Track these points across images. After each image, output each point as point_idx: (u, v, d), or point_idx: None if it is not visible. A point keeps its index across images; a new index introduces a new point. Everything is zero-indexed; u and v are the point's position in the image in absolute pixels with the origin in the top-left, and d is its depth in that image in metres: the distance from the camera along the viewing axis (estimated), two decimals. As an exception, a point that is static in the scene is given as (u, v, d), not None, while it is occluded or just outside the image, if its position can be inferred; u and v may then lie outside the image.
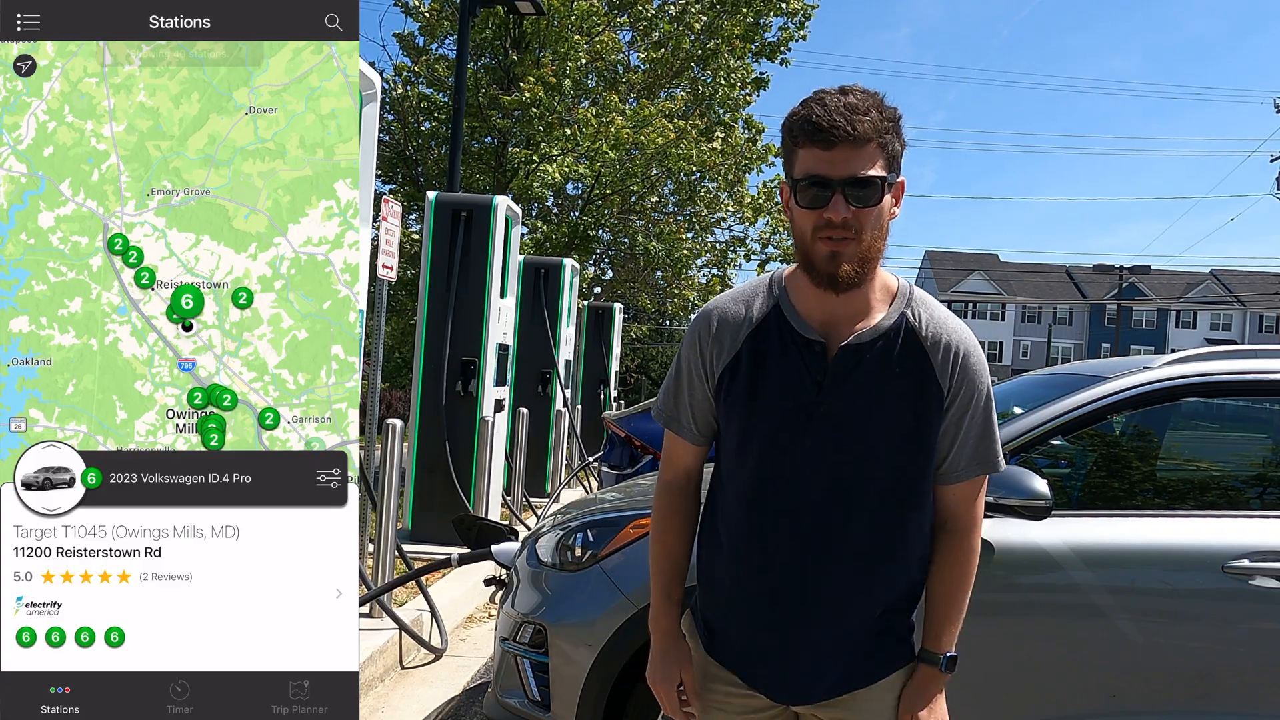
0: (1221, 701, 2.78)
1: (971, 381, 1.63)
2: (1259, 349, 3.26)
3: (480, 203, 6.91)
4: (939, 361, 1.60)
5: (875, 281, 1.61)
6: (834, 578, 1.61)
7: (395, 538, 5.04)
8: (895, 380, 1.59)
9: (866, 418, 1.59)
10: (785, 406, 1.60)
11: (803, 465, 1.60)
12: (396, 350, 16.94)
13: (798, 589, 1.62)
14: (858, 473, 1.61)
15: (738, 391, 1.64)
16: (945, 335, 1.62)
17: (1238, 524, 2.94)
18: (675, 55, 14.52)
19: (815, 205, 1.51)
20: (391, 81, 14.62)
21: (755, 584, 1.66)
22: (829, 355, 1.60)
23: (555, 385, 9.67)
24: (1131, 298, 58.85)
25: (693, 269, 16.06)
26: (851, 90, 1.52)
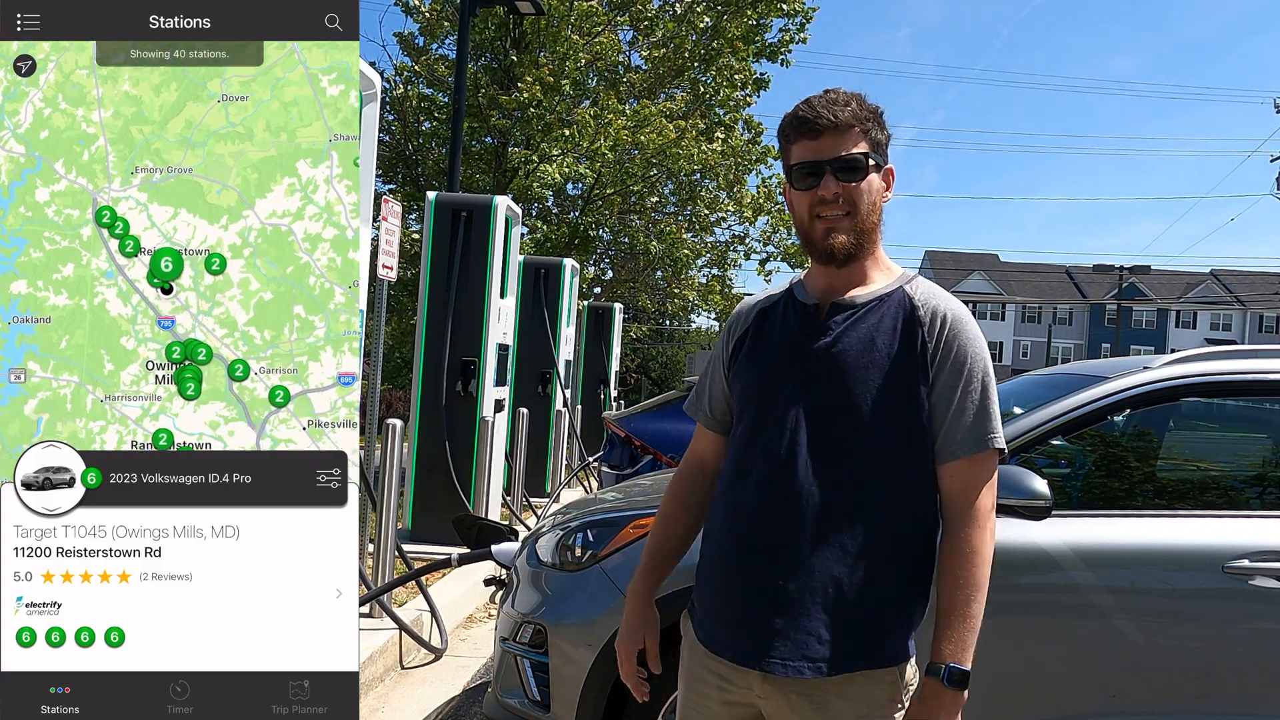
0: (1221, 701, 2.78)
1: (963, 348, 1.64)
2: (1259, 349, 3.26)
3: (480, 203, 6.92)
4: (928, 324, 1.65)
5: (878, 262, 1.72)
6: (795, 528, 1.61)
7: (395, 538, 5.04)
8: (884, 336, 1.64)
9: (851, 366, 1.63)
10: (776, 361, 1.71)
11: (782, 416, 1.65)
12: (396, 350, 16.95)
13: (759, 537, 1.64)
14: (833, 424, 1.62)
15: (743, 359, 1.76)
16: (938, 302, 1.68)
17: (1238, 524, 2.94)
18: (677, 55, 14.52)
19: (808, 187, 1.66)
20: (391, 81, 14.61)
21: (727, 539, 1.69)
22: (822, 314, 1.69)
23: (555, 385, 9.67)
24: (1131, 298, 58.89)
25: (693, 269, 16.06)
26: (833, 89, 1.70)
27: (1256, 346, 3.35)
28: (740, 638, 1.65)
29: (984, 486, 1.64)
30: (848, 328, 1.66)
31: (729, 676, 1.68)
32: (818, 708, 1.61)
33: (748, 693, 1.67)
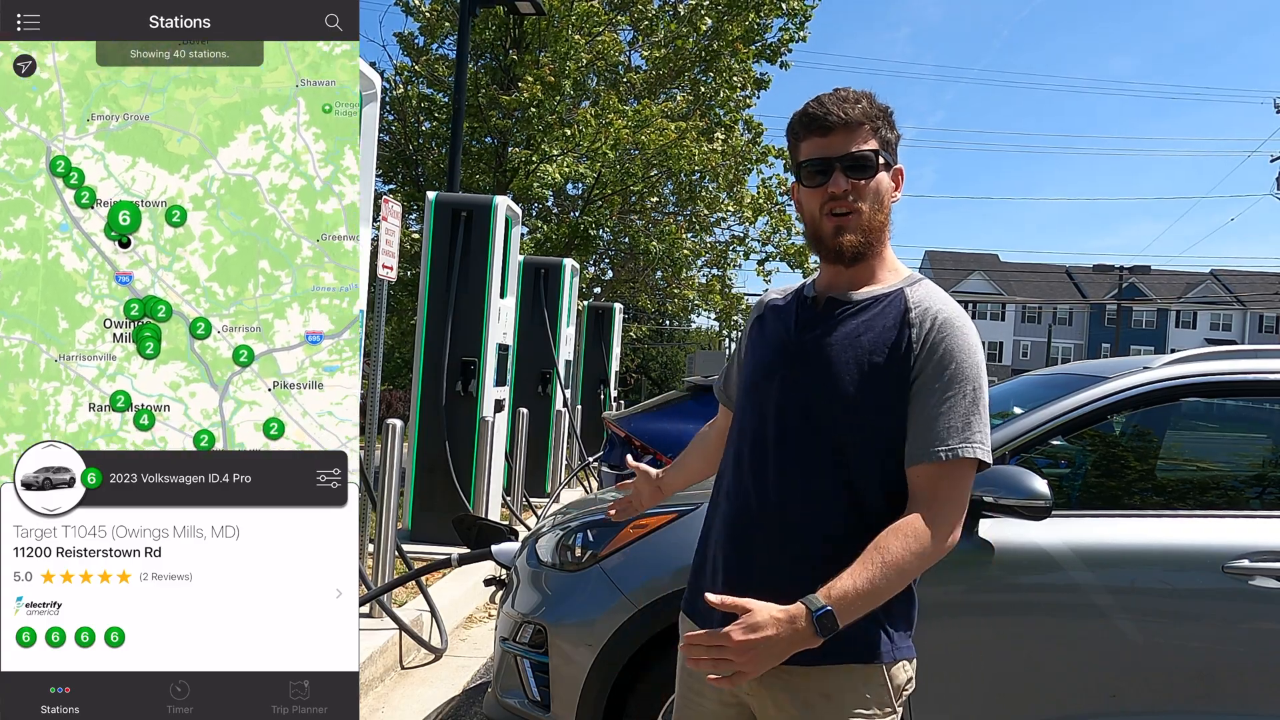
0: (1221, 701, 2.78)
1: (949, 353, 1.58)
2: (1259, 349, 3.26)
3: (480, 203, 6.92)
4: (918, 325, 1.61)
5: (885, 262, 1.72)
6: (776, 517, 1.64)
7: (395, 538, 5.04)
8: (873, 333, 1.64)
9: (834, 358, 1.64)
10: (769, 352, 1.75)
11: (763, 405, 1.69)
12: (396, 350, 16.94)
13: (742, 526, 1.68)
14: (810, 414, 1.64)
15: (746, 350, 1.84)
16: (934, 305, 1.64)
17: (1238, 524, 2.94)
18: (678, 56, 14.52)
19: (818, 184, 1.66)
20: (392, 81, 14.61)
21: (716, 527, 1.74)
22: (819, 308, 1.72)
23: (555, 385, 9.67)
24: (1131, 298, 58.86)
25: (693, 269, 16.05)
26: (843, 88, 1.70)
27: (1256, 346, 3.35)
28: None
29: (950, 497, 1.56)
30: (839, 322, 1.67)
31: None
32: (802, 705, 1.59)
33: (738, 690, 1.67)
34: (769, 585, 1.57)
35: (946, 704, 2.81)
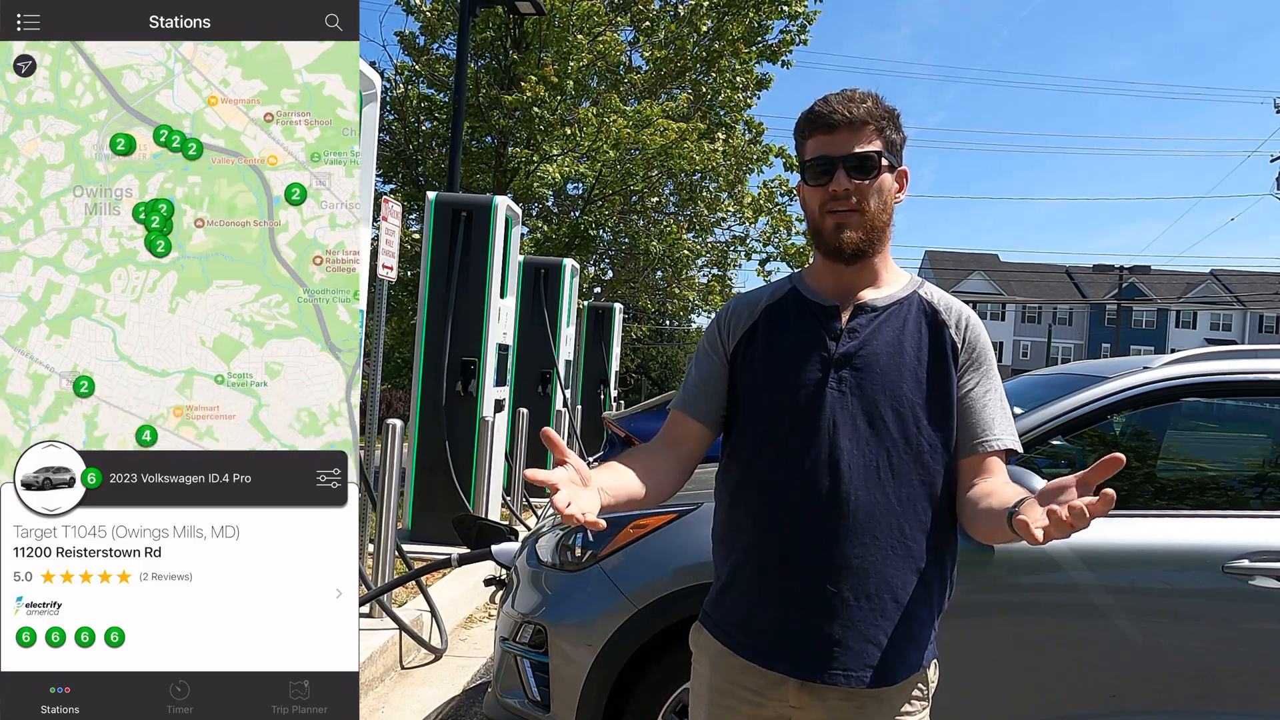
0: (1221, 701, 2.78)
1: (985, 349, 1.70)
2: (1259, 349, 3.26)
3: (480, 203, 6.91)
4: (953, 325, 1.69)
5: (887, 265, 1.73)
6: (843, 534, 1.59)
7: (395, 538, 5.04)
8: (911, 339, 1.66)
9: (884, 368, 1.64)
10: (805, 369, 1.66)
11: (815, 421, 1.62)
12: (396, 350, 16.94)
13: (802, 545, 1.61)
14: (870, 427, 1.62)
15: (755, 355, 1.71)
16: (953, 304, 1.73)
17: (1238, 524, 2.94)
18: (679, 56, 14.51)
19: (821, 182, 1.66)
20: (392, 81, 14.60)
21: (762, 549, 1.64)
22: (843, 316, 1.69)
23: (555, 385, 9.67)
24: (1131, 298, 58.86)
25: (693, 269, 16.04)
26: (850, 89, 1.70)
27: (1256, 346, 3.35)
28: (794, 650, 1.61)
29: (1005, 479, 1.66)
30: (873, 331, 1.66)
31: (762, 690, 1.65)
32: (858, 712, 1.61)
33: (781, 704, 1.64)
34: (867, 601, 1.59)
35: (946, 704, 2.81)
